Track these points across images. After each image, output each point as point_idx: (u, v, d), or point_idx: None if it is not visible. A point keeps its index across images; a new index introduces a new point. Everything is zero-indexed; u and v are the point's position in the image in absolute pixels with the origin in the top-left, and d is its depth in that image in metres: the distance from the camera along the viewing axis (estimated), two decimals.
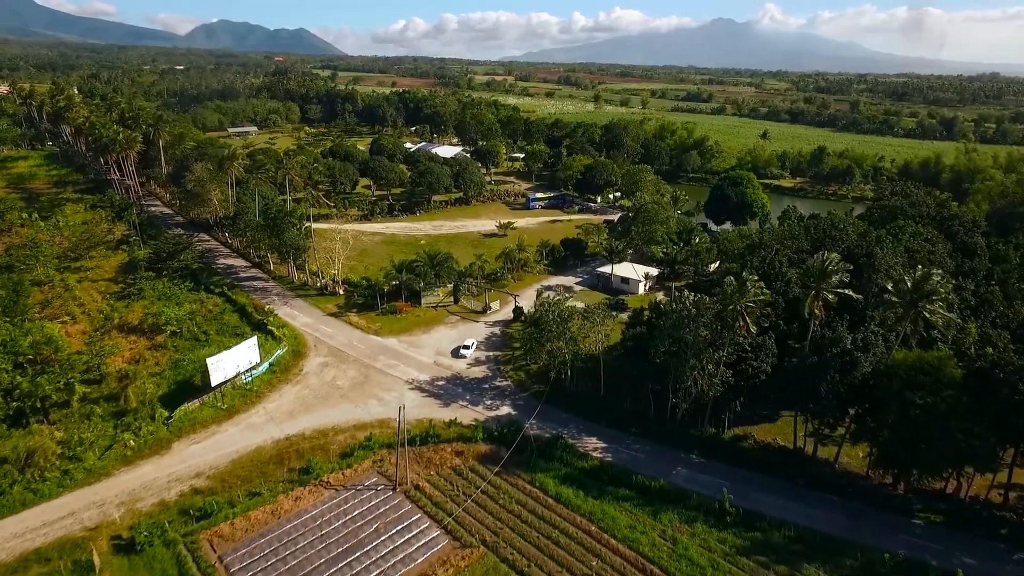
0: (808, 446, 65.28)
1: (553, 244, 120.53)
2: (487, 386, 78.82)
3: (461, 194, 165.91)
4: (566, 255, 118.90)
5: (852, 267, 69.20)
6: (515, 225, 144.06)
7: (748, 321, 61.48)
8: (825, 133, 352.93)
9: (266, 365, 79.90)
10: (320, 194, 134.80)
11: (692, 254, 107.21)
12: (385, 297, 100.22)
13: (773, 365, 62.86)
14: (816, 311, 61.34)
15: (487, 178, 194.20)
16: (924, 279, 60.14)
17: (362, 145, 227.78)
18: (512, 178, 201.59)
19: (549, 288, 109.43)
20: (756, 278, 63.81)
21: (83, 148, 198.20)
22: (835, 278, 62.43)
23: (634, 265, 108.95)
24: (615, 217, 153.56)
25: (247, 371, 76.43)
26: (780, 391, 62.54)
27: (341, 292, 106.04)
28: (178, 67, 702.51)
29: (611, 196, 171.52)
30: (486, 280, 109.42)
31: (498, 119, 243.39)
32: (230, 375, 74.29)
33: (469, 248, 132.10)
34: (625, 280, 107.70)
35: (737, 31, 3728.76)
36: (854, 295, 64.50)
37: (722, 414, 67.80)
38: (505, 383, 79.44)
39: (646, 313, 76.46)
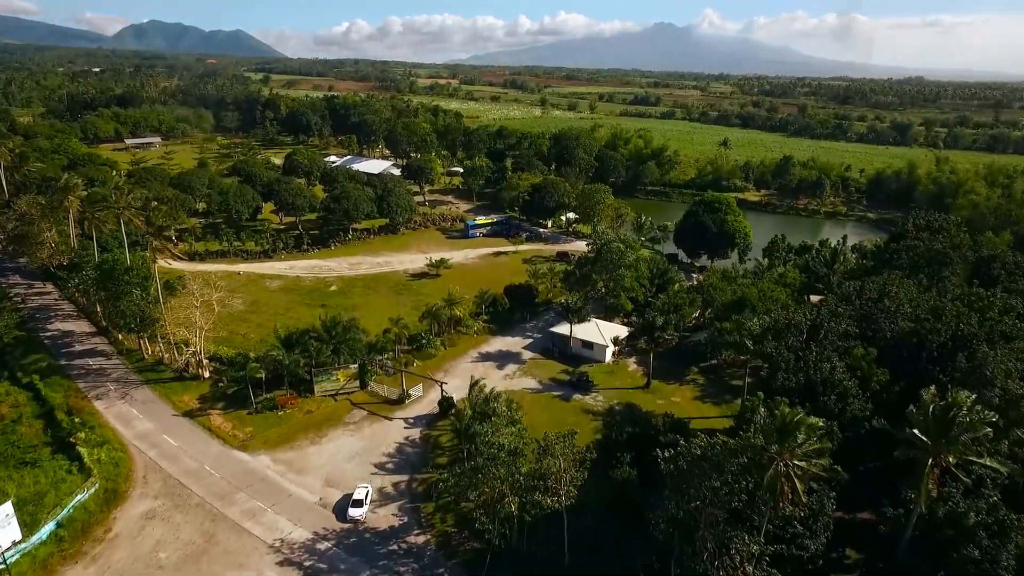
0: None
1: (495, 294, 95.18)
2: (396, 547, 52.63)
3: (387, 221, 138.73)
4: (511, 307, 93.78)
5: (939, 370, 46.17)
6: (450, 261, 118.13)
7: (797, 485, 37.53)
8: (778, 138, 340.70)
9: (46, 530, 51.47)
10: (166, 244, 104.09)
11: (671, 308, 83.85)
12: (263, 386, 72.64)
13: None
14: (931, 486, 37.67)
15: (420, 198, 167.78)
16: None
17: (279, 159, 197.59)
18: (450, 197, 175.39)
19: (489, 357, 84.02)
20: (810, 418, 39.93)
21: None
22: (967, 436, 38.10)
23: (599, 323, 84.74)
24: (569, 247, 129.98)
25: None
26: None
27: (207, 375, 77.77)
28: (95, 69, 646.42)
29: (564, 219, 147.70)
30: (407, 348, 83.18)
31: (435, 128, 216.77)
32: None
33: (391, 295, 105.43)
34: (588, 345, 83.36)
35: (678, 35, 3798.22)
36: (1001, 468, 40.15)
37: None
38: (423, 539, 53.43)
39: (625, 456, 51.75)
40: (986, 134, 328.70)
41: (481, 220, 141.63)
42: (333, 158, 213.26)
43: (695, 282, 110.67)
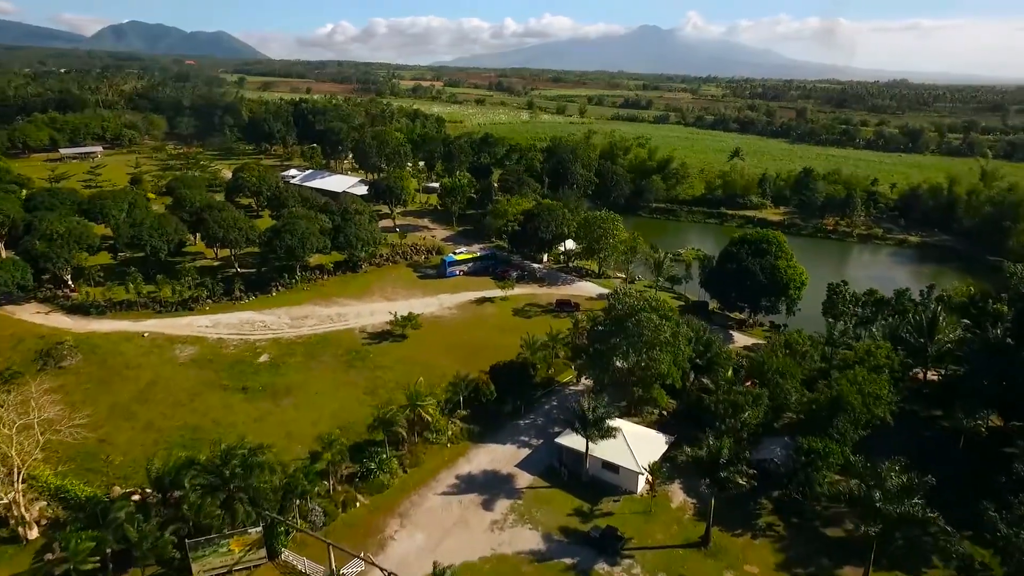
0: None
1: (477, 379, 69.17)
2: None
3: (346, 256, 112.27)
4: (498, 398, 67.88)
5: None
6: (421, 316, 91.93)
7: None
8: (782, 145, 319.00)
9: None
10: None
11: (727, 406, 58.53)
12: (108, 567, 46.04)
13: None
14: None
15: (392, 222, 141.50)
16: None
17: (231, 171, 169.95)
18: (426, 221, 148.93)
19: (469, 485, 58.09)
20: None
21: None
22: None
23: (625, 430, 59.02)
24: (571, 292, 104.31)
25: None
26: None
27: (34, 535, 50.96)
28: (62, 70, 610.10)
29: (562, 250, 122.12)
30: (351, 469, 57.16)
31: (411, 138, 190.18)
32: None
33: (339, 370, 79.10)
34: (611, 467, 57.78)
35: (663, 38, 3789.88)
36: None
37: None
38: None
39: None
40: (1003, 140, 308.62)
41: (462, 255, 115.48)
42: (293, 172, 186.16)
43: (733, 343, 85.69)
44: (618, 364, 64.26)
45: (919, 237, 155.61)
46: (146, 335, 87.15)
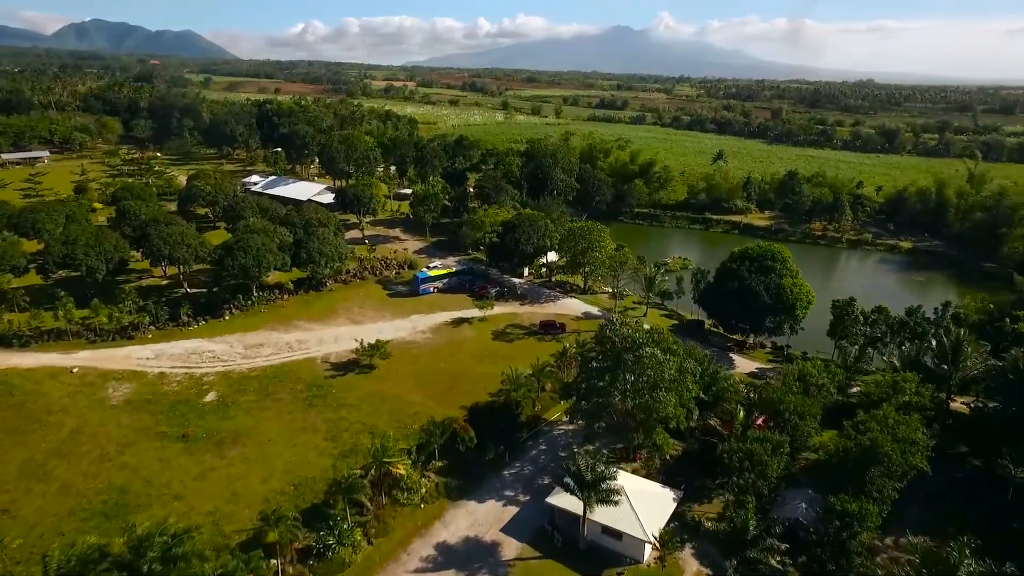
0: None
1: (455, 421, 60.25)
2: None
3: (308, 273, 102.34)
4: (479, 443, 59.13)
5: None
6: (391, 343, 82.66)
7: None
8: (761, 146, 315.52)
9: None
10: None
11: (743, 456, 50.75)
12: None
13: None
14: None
15: (360, 233, 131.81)
16: None
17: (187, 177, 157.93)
18: (397, 231, 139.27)
19: (447, 558, 49.23)
20: None
21: None
22: None
23: (627, 485, 50.73)
24: (556, 311, 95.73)
25: None
26: None
27: None
28: (16, 69, 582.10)
29: (543, 263, 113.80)
30: (301, 558, 47.85)
31: (381, 141, 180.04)
32: None
33: (297, 410, 69.49)
34: (613, 533, 49.41)
35: (635, 38, 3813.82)
36: None
37: None
38: None
39: None
40: (978, 140, 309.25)
41: (436, 270, 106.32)
42: (255, 178, 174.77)
43: (734, 368, 78.25)
44: (616, 401, 55.87)
45: (910, 242, 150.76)
46: (75, 371, 76.49)
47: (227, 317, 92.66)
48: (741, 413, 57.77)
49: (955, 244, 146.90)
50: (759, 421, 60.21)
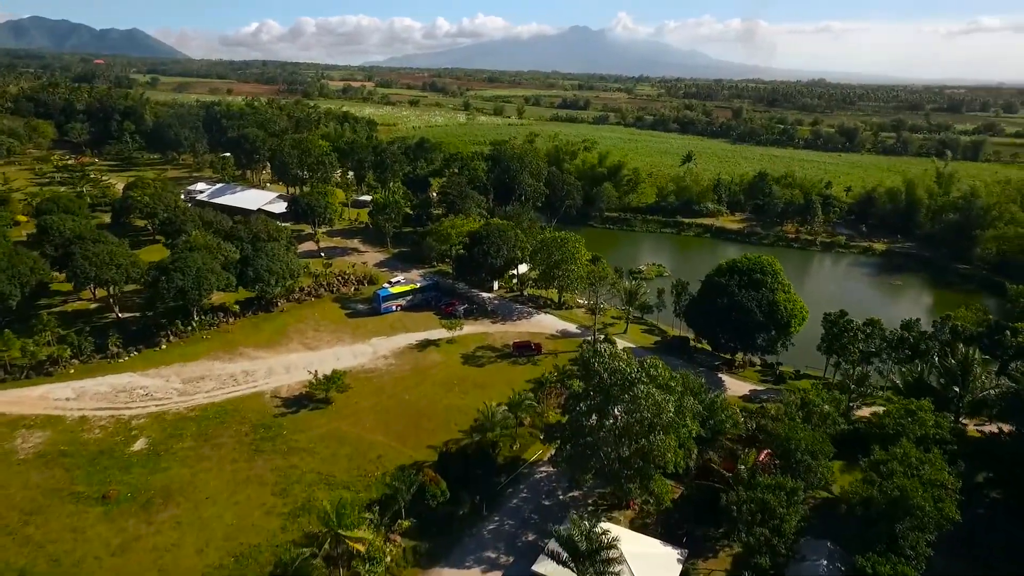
0: None
1: (422, 478, 52.31)
2: None
3: (257, 293, 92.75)
4: (451, 498, 51.52)
5: None
6: (349, 373, 74.29)
7: None
8: (724, 146, 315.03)
9: None
10: None
11: (756, 508, 44.58)
12: None
13: None
14: None
15: (315, 245, 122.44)
16: None
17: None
18: (356, 242, 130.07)
19: None
20: None
21: None
22: None
23: (629, 562, 43.73)
24: (530, 329, 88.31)
25: None
26: None
27: None
28: None
29: (513, 275, 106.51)
30: None
31: (337, 145, 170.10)
32: None
33: (241, 457, 60.64)
34: None
35: (593, 38, 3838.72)
36: None
37: None
38: None
39: None
40: (934, 139, 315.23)
41: (399, 286, 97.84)
42: (201, 186, 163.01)
43: (725, 391, 72.43)
44: (608, 449, 49.08)
45: (883, 244, 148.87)
46: None
47: (163, 346, 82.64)
48: (752, 457, 51.38)
49: (927, 245, 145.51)
50: (762, 456, 54.33)
